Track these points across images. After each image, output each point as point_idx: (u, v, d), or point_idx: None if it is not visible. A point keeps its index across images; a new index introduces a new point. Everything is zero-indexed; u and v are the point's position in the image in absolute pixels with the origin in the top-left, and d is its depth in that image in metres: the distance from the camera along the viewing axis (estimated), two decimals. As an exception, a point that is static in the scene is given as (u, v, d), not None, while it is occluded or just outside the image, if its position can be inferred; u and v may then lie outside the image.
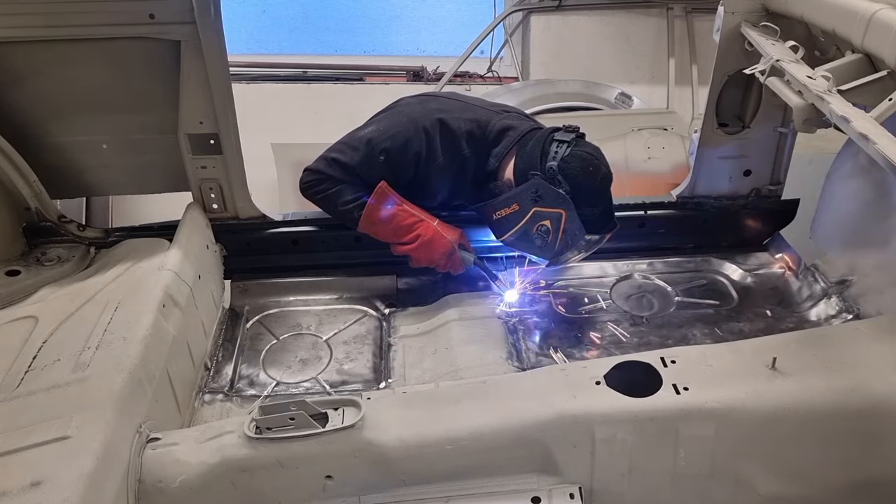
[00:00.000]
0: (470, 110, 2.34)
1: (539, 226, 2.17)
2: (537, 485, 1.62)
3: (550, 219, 2.15)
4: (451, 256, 2.28)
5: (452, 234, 2.28)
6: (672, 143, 3.62)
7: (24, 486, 1.36)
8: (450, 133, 2.26)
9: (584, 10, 4.72)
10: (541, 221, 2.16)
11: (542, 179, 2.13)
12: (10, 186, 2.21)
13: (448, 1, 5.05)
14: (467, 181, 2.33)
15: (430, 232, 2.25)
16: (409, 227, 2.26)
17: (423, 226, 2.26)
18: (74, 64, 2.11)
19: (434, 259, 2.28)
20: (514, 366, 2.08)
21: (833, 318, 2.21)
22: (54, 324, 1.88)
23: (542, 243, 2.20)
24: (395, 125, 2.29)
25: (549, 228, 2.16)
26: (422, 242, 2.25)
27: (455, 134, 2.27)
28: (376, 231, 2.29)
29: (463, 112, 2.32)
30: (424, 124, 2.26)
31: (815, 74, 1.75)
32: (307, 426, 1.55)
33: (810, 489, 1.70)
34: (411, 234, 2.26)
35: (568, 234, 2.16)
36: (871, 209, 2.20)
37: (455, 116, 2.29)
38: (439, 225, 2.27)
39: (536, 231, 2.18)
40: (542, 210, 2.15)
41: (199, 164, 2.29)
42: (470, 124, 2.29)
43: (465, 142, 2.28)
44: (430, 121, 2.27)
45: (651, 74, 4.82)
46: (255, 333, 2.34)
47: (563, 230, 2.15)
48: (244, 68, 4.74)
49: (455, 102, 2.39)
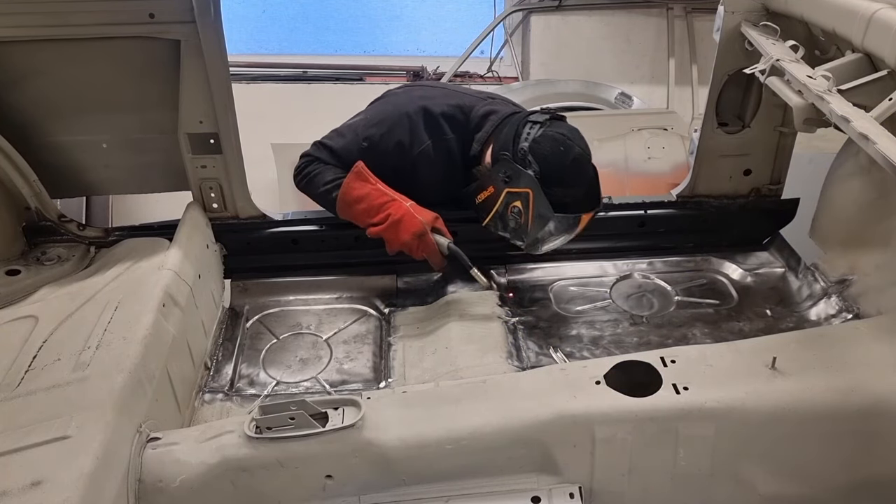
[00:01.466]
0: (454, 97, 2.39)
1: (512, 207, 2.18)
2: (537, 484, 1.62)
3: (521, 199, 2.16)
4: (422, 238, 2.22)
5: (425, 215, 2.24)
6: (672, 143, 3.62)
7: (24, 485, 1.36)
8: (433, 119, 2.30)
9: (584, 10, 4.72)
10: (513, 203, 2.18)
11: (510, 160, 2.15)
12: (10, 186, 2.21)
13: (448, 1, 5.05)
14: (457, 168, 2.34)
15: (400, 211, 2.22)
16: (381, 206, 2.23)
17: (394, 205, 2.23)
18: (74, 63, 2.11)
19: (405, 240, 2.22)
20: (513, 365, 2.08)
21: (833, 317, 2.21)
22: (54, 323, 1.88)
23: (516, 225, 2.20)
24: (379, 113, 2.37)
25: (520, 210, 2.17)
26: (391, 222, 2.22)
27: (438, 119, 2.30)
28: (352, 213, 2.28)
29: (447, 98, 2.37)
30: (408, 110, 2.31)
31: (815, 74, 1.75)
32: (307, 426, 1.55)
33: (810, 489, 1.70)
34: (382, 214, 2.23)
35: (537, 215, 2.15)
36: (871, 209, 2.20)
37: (438, 102, 2.33)
38: (412, 206, 2.24)
39: (510, 213, 2.19)
40: (513, 191, 2.16)
41: (199, 163, 2.29)
42: (453, 109, 2.33)
43: (449, 126, 2.31)
44: (414, 107, 2.32)
45: (651, 74, 4.82)
46: (255, 333, 2.34)
47: (532, 211, 2.15)
48: (244, 68, 4.75)
49: (439, 90, 2.44)
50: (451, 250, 2.24)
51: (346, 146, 2.32)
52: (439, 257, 2.26)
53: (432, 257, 2.26)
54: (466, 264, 2.24)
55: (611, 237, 2.60)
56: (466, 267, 2.24)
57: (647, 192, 2.77)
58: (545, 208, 2.14)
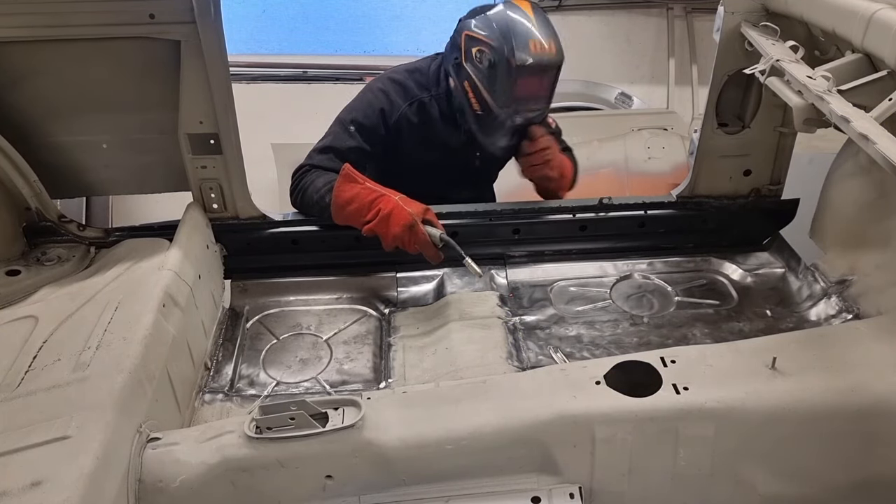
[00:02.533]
0: (412, 65, 2.66)
1: (479, 49, 2.35)
2: (537, 484, 1.62)
3: (489, 48, 2.32)
4: (412, 230, 2.22)
5: (415, 207, 2.25)
6: (672, 143, 3.62)
7: (24, 486, 1.36)
8: (399, 85, 2.55)
9: (584, 10, 4.72)
10: (481, 47, 2.34)
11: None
12: (10, 186, 2.21)
13: (448, 1, 5.04)
14: (438, 127, 2.54)
15: (389, 205, 2.23)
16: (371, 202, 2.26)
17: (383, 200, 2.25)
18: (74, 64, 2.11)
19: (396, 234, 2.23)
20: (514, 366, 2.08)
21: (833, 317, 2.21)
22: (54, 324, 1.88)
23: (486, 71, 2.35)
24: (356, 99, 2.59)
25: (489, 58, 2.32)
26: (382, 217, 2.23)
27: (405, 84, 2.55)
28: (346, 214, 2.30)
29: (406, 67, 2.65)
30: (378, 86, 2.57)
31: (815, 74, 1.75)
32: (307, 426, 1.55)
33: (810, 489, 1.70)
34: (373, 211, 2.25)
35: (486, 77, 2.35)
36: (871, 209, 2.20)
37: (399, 71, 2.61)
38: (401, 199, 2.25)
39: (477, 56, 2.35)
40: (480, 26, 2.36)
41: (199, 163, 2.29)
42: (413, 73, 2.59)
43: (416, 87, 2.55)
44: (382, 82, 2.58)
45: (651, 74, 4.82)
46: (256, 333, 2.34)
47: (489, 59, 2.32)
48: (244, 68, 4.74)
49: (400, 66, 2.67)
50: (444, 240, 2.24)
51: (336, 136, 2.47)
52: (433, 249, 2.26)
53: (425, 249, 2.26)
54: (459, 254, 2.23)
55: (611, 237, 2.60)
56: (459, 257, 2.23)
57: (647, 193, 2.77)
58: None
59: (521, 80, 2.32)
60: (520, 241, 2.57)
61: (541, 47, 2.28)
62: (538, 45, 2.28)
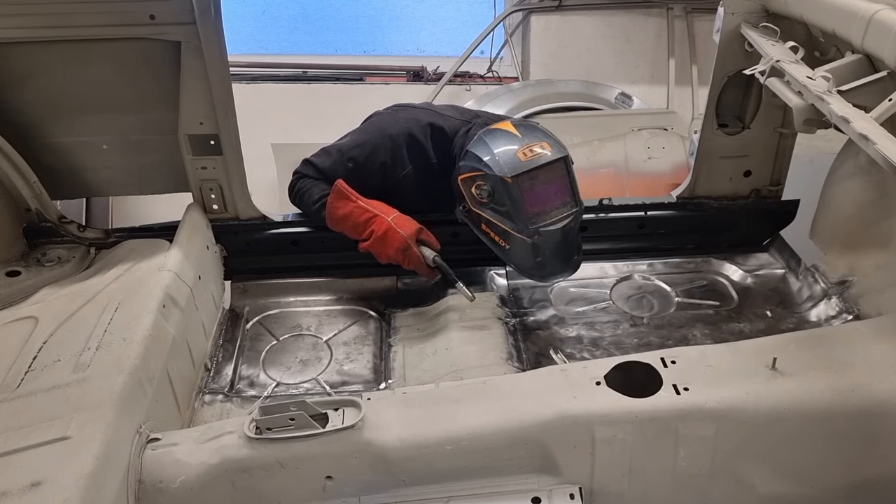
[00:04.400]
0: (438, 119, 2.37)
1: (476, 185, 2.13)
2: (537, 485, 1.62)
3: (482, 179, 2.12)
4: (406, 252, 2.22)
5: (408, 228, 2.23)
6: (672, 143, 3.62)
7: (24, 486, 1.36)
8: (416, 143, 2.33)
9: (584, 10, 4.72)
10: (477, 182, 2.13)
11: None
12: (10, 187, 2.21)
13: (448, 1, 5.04)
14: (440, 192, 2.33)
15: (383, 227, 2.23)
16: (365, 223, 2.26)
17: (377, 221, 2.25)
18: (75, 64, 2.11)
19: (390, 255, 2.24)
20: (514, 366, 2.08)
21: (833, 318, 2.21)
22: (54, 324, 1.88)
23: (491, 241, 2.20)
24: (364, 135, 2.40)
25: (487, 189, 2.11)
26: (375, 238, 2.24)
27: (421, 144, 2.33)
28: (342, 229, 2.32)
29: (431, 120, 2.36)
30: (391, 133, 2.34)
31: (815, 75, 1.75)
32: (307, 426, 1.55)
33: (810, 489, 1.70)
34: (367, 231, 2.26)
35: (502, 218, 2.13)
36: (871, 209, 2.20)
37: (422, 126, 2.34)
38: (395, 220, 2.24)
39: (478, 194, 2.14)
40: (467, 166, 2.16)
41: (200, 164, 2.29)
42: (436, 132, 2.34)
43: (432, 150, 2.34)
44: (397, 130, 2.34)
45: (651, 74, 4.81)
46: (256, 334, 2.34)
47: (498, 219, 2.13)
48: (244, 68, 4.74)
49: (425, 112, 2.42)
50: (437, 263, 2.25)
51: (332, 166, 2.35)
52: (426, 269, 2.27)
53: (419, 269, 2.28)
54: (452, 279, 2.24)
55: (611, 238, 2.60)
56: (451, 281, 2.25)
57: (647, 193, 2.77)
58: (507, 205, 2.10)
59: (527, 193, 2.09)
60: (520, 241, 2.56)
61: (531, 152, 2.09)
62: (527, 151, 2.09)
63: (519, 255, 2.19)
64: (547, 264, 2.19)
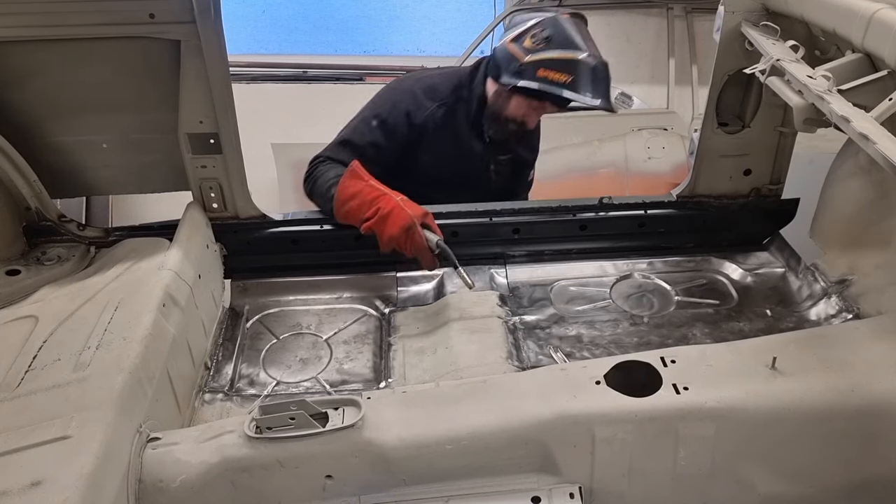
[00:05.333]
0: (447, 69, 2.75)
1: (532, 35, 2.43)
2: (537, 484, 1.62)
3: (538, 26, 2.42)
4: (409, 232, 2.22)
5: (415, 209, 2.26)
6: (672, 143, 3.63)
7: (24, 486, 1.35)
8: (432, 88, 2.56)
9: (584, 10, 4.71)
10: (532, 32, 2.42)
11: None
12: (10, 186, 2.21)
13: (448, 1, 5.05)
14: (464, 133, 2.55)
15: (390, 205, 2.24)
16: (372, 200, 2.27)
17: (384, 199, 2.26)
18: (74, 63, 2.11)
19: (394, 234, 2.23)
20: (514, 365, 2.08)
21: (833, 317, 2.21)
22: (54, 323, 1.88)
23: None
24: (381, 96, 2.61)
25: (546, 34, 2.40)
26: (381, 215, 2.24)
27: (435, 86, 2.56)
28: (346, 210, 2.32)
29: (440, 72, 2.70)
30: (409, 86, 2.59)
31: (815, 74, 1.75)
32: (307, 426, 1.55)
33: (810, 489, 1.70)
34: (373, 209, 2.26)
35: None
36: (871, 209, 2.20)
37: (433, 75, 2.64)
38: (402, 200, 2.26)
39: (532, 41, 2.41)
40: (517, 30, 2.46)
41: (199, 163, 2.29)
42: (448, 77, 2.62)
43: (448, 89, 2.56)
44: (412, 82, 2.61)
45: (651, 74, 4.82)
46: (256, 333, 2.34)
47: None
48: (244, 68, 4.75)
49: (433, 69, 2.75)
50: (440, 247, 2.25)
51: (356, 130, 2.50)
52: (429, 254, 2.27)
53: (421, 253, 2.26)
54: (453, 262, 2.24)
55: (611, 237, 2.60)
56: (453, 265, 2.24)
57: (647, 192, 2.77)
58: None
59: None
60: (520, 240, 2.57)
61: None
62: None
63: (584, 79, 2.41)
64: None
